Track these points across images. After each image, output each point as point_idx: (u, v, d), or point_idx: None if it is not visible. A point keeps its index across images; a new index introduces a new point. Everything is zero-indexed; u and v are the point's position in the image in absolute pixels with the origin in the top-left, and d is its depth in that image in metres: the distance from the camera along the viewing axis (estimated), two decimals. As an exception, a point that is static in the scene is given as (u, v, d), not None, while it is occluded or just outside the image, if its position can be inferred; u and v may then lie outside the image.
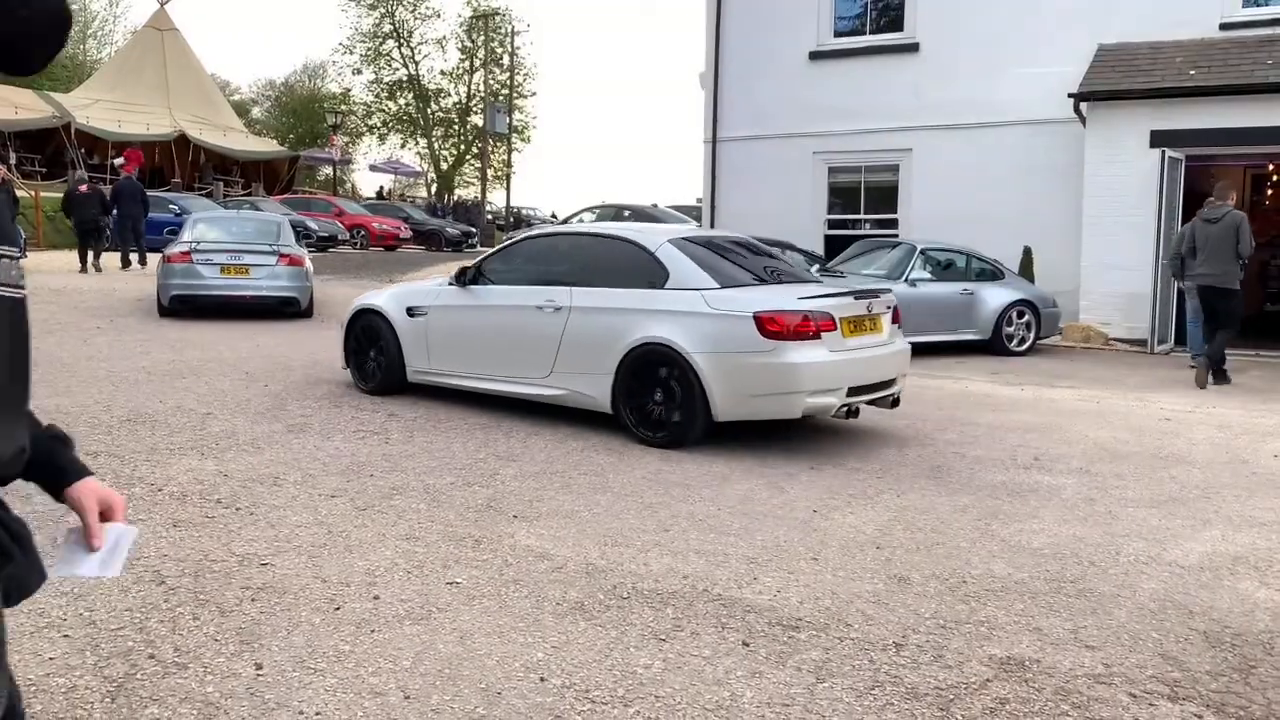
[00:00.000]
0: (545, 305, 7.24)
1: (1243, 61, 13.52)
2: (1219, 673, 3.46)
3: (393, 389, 8.10)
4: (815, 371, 6.43)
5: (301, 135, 54.48)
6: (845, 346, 6.66)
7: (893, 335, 7.24)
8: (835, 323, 6.58)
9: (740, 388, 6.49)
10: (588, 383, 7.02)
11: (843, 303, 6.78)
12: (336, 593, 3.90)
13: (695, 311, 6.63)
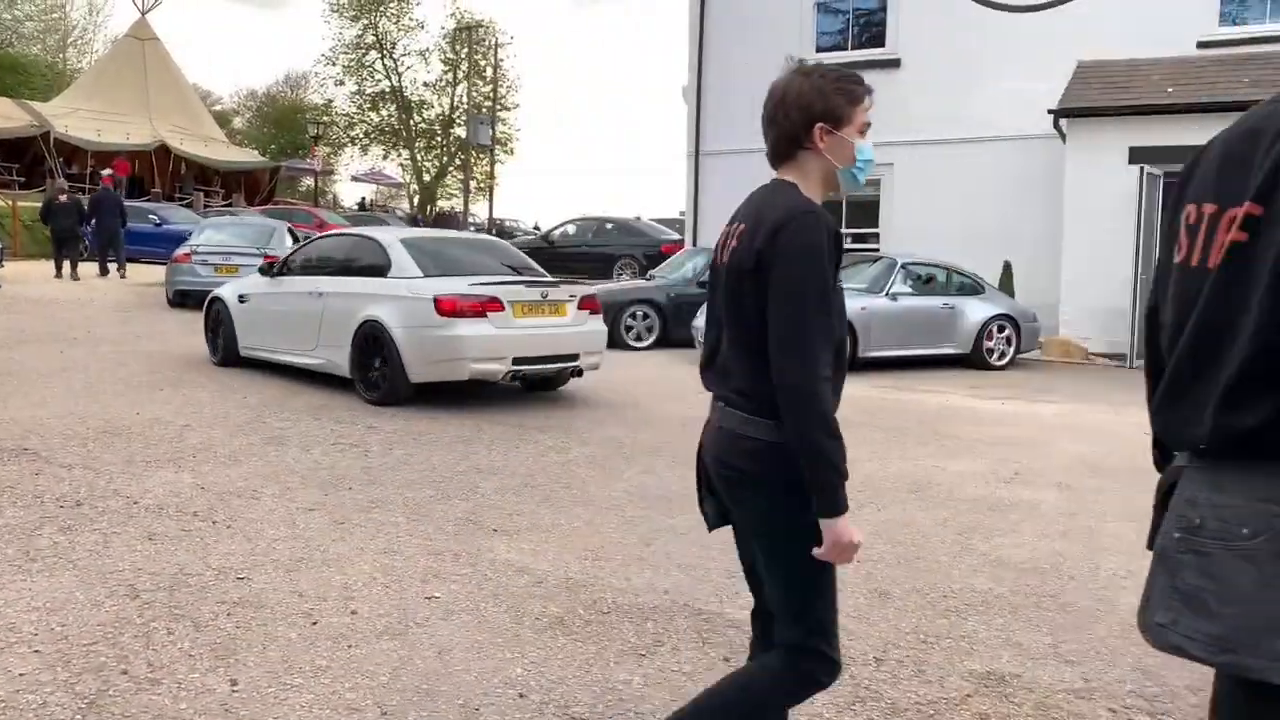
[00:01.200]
0: (312, 292, 8.94)
1: (1220, 79, 13.68)
2: (1196, 688, 3.46)
3: (231, 361, 9.88)
4: (479, 344, 7.99)
5: (283, 146, 54.30)
6: (513, 325, 8.17)
7: (580, 320, 8.69)
8: (503, 305, 8.11)
9: (425, 356, 8.05)
10: (336, 354, 8.59)
11: (514, 290, 8.30)
12: (314, 607, 3.86)
13: (399, 295, 8.19)
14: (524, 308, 8.24)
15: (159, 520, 4.88)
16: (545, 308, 8.42)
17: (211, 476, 5.75)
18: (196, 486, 5.52)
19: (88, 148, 32.48)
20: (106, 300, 15.50)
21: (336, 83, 50.16)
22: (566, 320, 8.54)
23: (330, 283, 8.89)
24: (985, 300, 12.73)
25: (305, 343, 8.96)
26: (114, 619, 3.66)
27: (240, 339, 9.80)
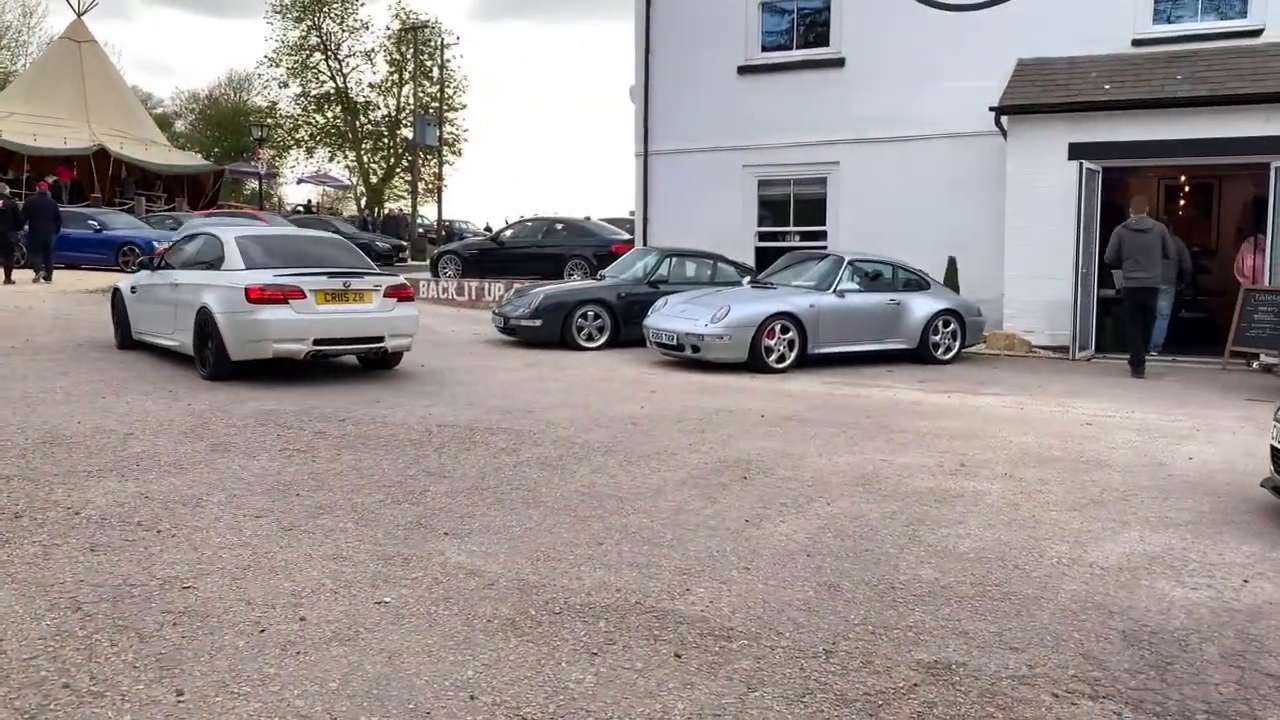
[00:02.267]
0: (171, 283, 10.31)
1: (1154, 76, 13.99)
2: (1137, 670, 3.55)
3: (128, 345, 11.33)
4: (281, 327, 9.15)
5: (227, 149, 53.48)
6: (314, 311, 9.30)
7: (386, 306, 9.73)
8: (305, 293, 9.24)
9: (239, 337, 9.20)
10: (186, 336, 9.78)
11: (316, 280, 9.36)
12: (261, 615, 3.82)
13: (224, 285, 9.38)
14: (325, 295, 9.39)
15: (101, 531, 4.80)
16: (349, 295, 9.55)
17: (156, 485, 5.66)
18: (140, 495, 5.43)
19: (24, 152, 31.73)
20: (45, 308, 15.17)
21: (281, 85, 49.53)
22: (371, 307, 9.68)
23: (183, 275, 10.28)
24: (931, 296, 12.89)
25: (168, 327, 10.31)
26: (55, 632, 3.59)
27: (132, 325, 11.28)
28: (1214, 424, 8.61)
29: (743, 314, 11.48)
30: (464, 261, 20.98)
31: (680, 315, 11.88)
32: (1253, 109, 12.94)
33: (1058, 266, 13.77)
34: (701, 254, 15.00)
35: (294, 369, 10.03)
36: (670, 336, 11.74)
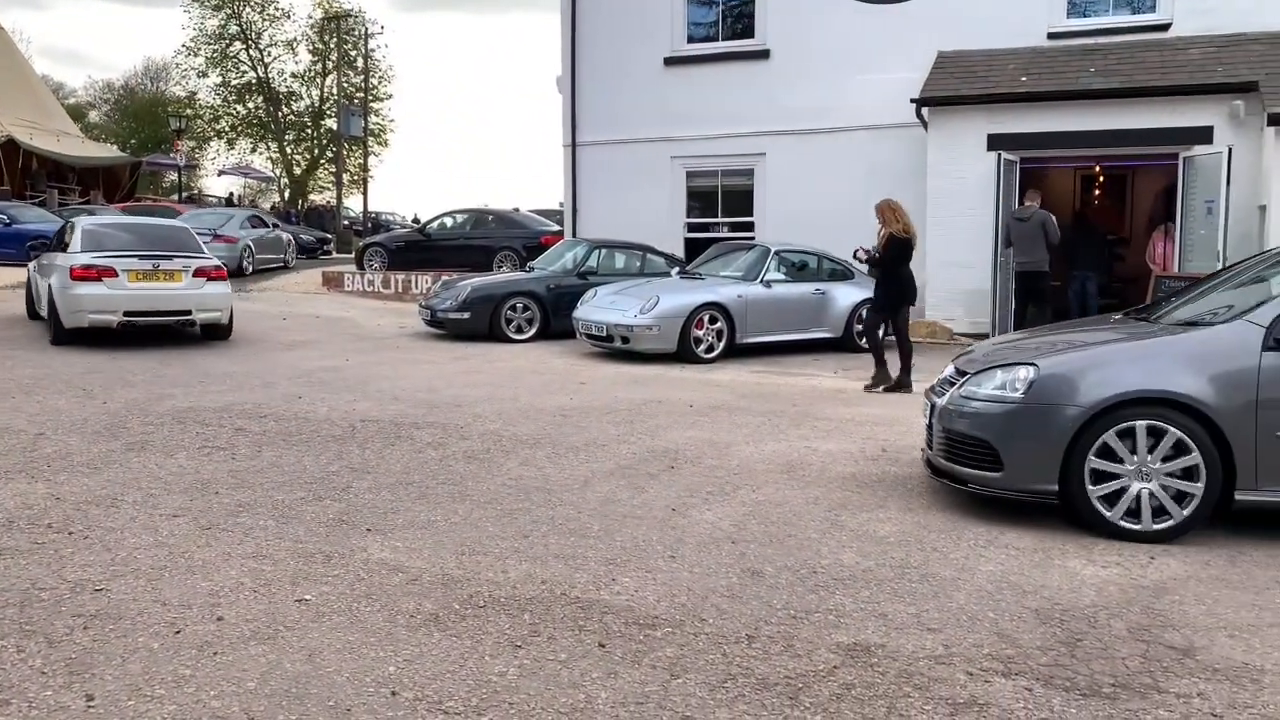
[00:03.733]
0: (47, 264, 11.92)
1: (1068, 69, 14.34)
2: (1048, 647, 3.65)
3: (35, 317, 13.01)
4: (93, 301, 10.96)
5: (144, 140, 52.03)
6: (125, 288, 11.09)
7: (196, 285, 11.51)
8: (117, 273, 11.06)
9: (65, 309, 10.97)
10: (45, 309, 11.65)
11: (128, 262, 11.18)
12: (177, 616, 3.74)
13: (60, 265, 11.20)
14: (137, 274, 11.19)
15: (9, 534, 4.65)
16: (159, 275, 11.31)
17: (68, 486, 5.50)
18: (51, 497, 5.27)
19: (-73, 145, 30.51)
20: (-49, 305, 14.65)
21: (199, 74, 48.26)
22: (180, 285, 11.44)
23: (51, 257, 12.02)
24: (855, 285, 13.07)
25: (41, 303, 12.08)
26: (-41, 639, 3.48)
27: (34, 302, 13.04)
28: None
29: (672, 305, 11.53)
30: (390, 254, 20.71)
31: (610, 307, 11.89)
32: (1161, 101, 13.35)
33: (977, 255, 14.06)
34: (631, 245, 15.01)
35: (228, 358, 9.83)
36: (600, 328, 11.74)
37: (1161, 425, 4.86)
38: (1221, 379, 4.85)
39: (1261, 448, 4.81)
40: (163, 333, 12.50)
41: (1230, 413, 4.81)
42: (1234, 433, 4.82)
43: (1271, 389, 4.78)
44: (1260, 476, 4.85)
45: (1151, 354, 5.13)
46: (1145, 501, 4.91)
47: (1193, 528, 4.92)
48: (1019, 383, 5.17)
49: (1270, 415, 4.78)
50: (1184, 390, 4.85)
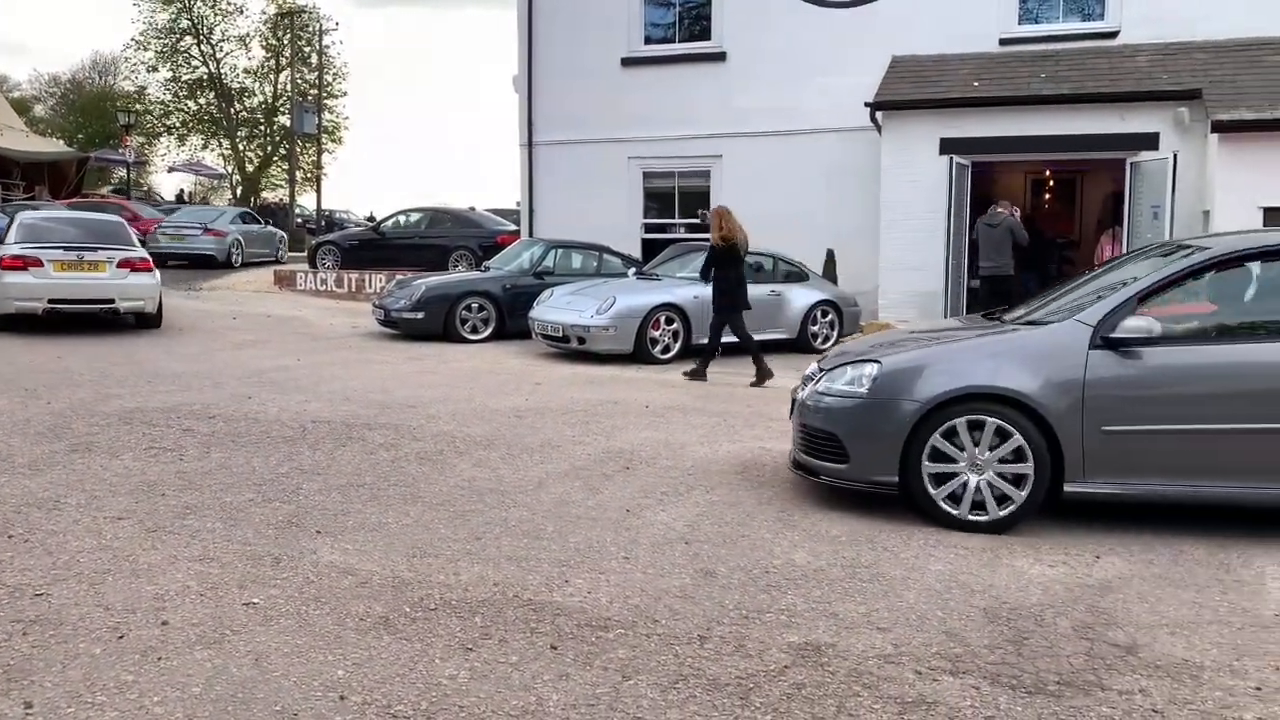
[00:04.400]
0: None
1: (1019, 75, 14.56)
2: (995, 645, 3.70)
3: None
4: (19, 289, 11.81)
5: (92, 135, 51.00)
6: (50, 277, 11.86)
7: (120, 275, 12.15)
8: (43, 263, 11.84)
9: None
10: None
11: (53, 253, 11.98)
12: (121, 621, 3.67)
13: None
14: (62, 265, 11.95)
15: (-54, 538, 4.54)
16: (84, 265, 12.03)
17: (8, 488, 5.38)
18: (-10, 500, 5.16)
19: None
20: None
21: (149, 69, 47.43)
22: (104, 275, 12.10)
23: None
24: (810, 287, 13.17)
25: None
26: (-109, 647, 3.38)
27: None
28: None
29: (628, 305, 11.53)
30: (344, 252, 20.51)
31: (566, 307, 11.86)
32: (1110, 107, 13.60)
33: (929, 258, 14.22)
34: (587, 245, 14.99)
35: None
36: (556, 328, 11.71)
37: (988, 419, 5.10)
38: (1049, 376, 5.07)
39: (1088, 442, 5.03)
40: (104, 328, 12.29)
41: (1058, 408, 5.03)
42: (1061, 427, 5.03)
43: (1097, 386, 5.01)
44: (1087, 469, 5.07)
45: (987, 352, 5.38)
46: (987, 492, 5.13)
47: (1024, 518, 5.13)
48: (864, 379, 5.42)
49: (1096, 411, 5.00)
50: (1013, 386, 5.08)
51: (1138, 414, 5.02)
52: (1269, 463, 4.97)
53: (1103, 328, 5.07)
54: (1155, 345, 5.03)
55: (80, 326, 12.52)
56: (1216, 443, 4.99)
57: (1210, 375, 5.04)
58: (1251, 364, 5.03)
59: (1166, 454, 5.04)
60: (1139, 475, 5.06)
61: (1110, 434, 5.01)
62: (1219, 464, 5.02)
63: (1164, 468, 5.05)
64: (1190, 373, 5.05)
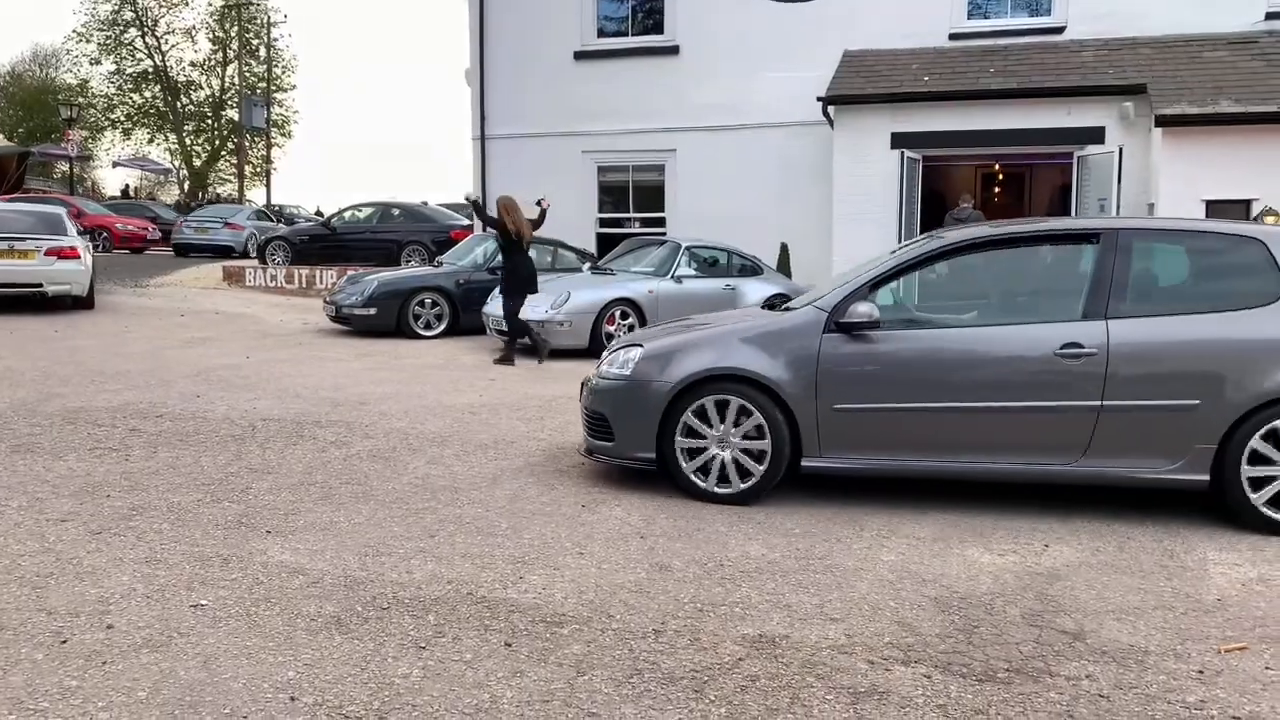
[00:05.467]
0: None
1: (969, 70, 14.72)
2: (946, 634, 3.74)
3: None
4: None
5: (33, 129, 49.89)
6: None
7: (48, 262, 13.18)
8: None
9: None
10: None
11: None
12: (64, 625, 3.59)
13: None
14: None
15: (-119, 543, 4.41)
16: (13, 253, 13.12)
17: (-54, 492, 5.24)
18: (-72, 504, 5.02)
19: None
20: None
21: (92, 62, 46.56)
22: (32, 262, 13.17)
23: None
24: (764, 280, 13.21)
25: None
26: None
27: None
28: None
29: (583, 300, 11.51)
30: (294, 248, 20.22)
31: (519, 302, 11.79)
32: (1057, 102, 13.80)
33: (882, 250, 14.33)
34: (542, 240, 14.87)
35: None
36: (509, 323, 11.65)
37: (732, 399, 5.45)
38: (788, 358, 5.43)
39: (822, 419, 5.39)
40: (49, 319, 12.05)
41: (795, 388, 5.39)
42: (798, 406, 5.39)
43: (828, 368, 5.37)
44: (822, 445, 5.43)
45: (738, 337, 5.66)
46: (731, 466, 5.47)
47: (764, 490, 5.47)
48: (629, 362, 5.76)
49: (829, 390, 5.36)
50: (754, 368, 5.44)
51: (863, 393, 5.36)
52: (983, 440, 5.28)
53: (835, 313, 5.39)
54: (881, 330, 5.37)
55: (21, 318, 12.25)
56: (934, 421, 5.31)
57: (926, 358, 5.36)
58: (963, 348, 5.38)
59: (890, 431, 5.37)
60: (866, 451, 5.40)
61: (840, 412, 5.35)
62: (938, 441, 5.33)
63: (888, 444, 5.38)
64: (909, 356, 5.36)
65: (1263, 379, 4.98)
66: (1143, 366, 5.13)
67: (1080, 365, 5.13)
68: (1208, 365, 5.09)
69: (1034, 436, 5.23)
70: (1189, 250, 5.66)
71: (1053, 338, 5.19)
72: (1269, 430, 4.99)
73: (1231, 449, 5.02)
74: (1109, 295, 5.25)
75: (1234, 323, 5.14)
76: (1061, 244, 5.93)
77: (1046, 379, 5.18)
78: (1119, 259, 5.30)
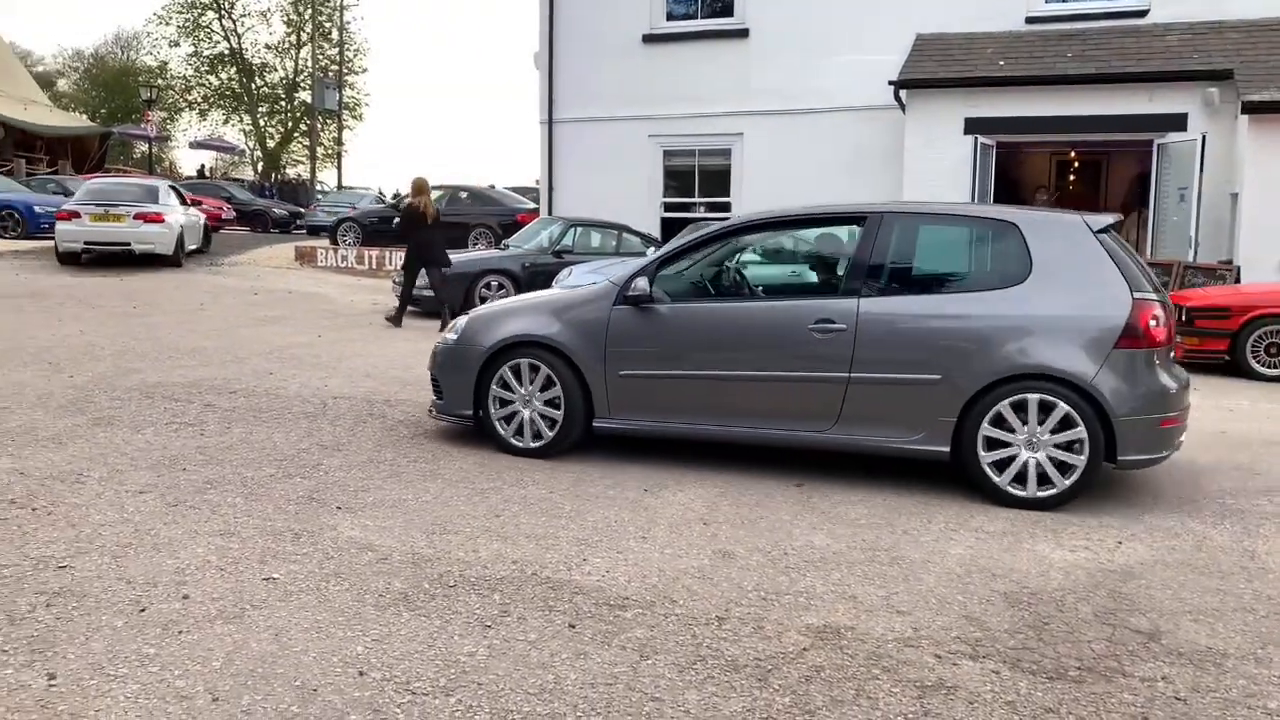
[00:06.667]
0: None
1: (1046, 54, 14.38)
2: (1016, 630, 3.68)
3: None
4: (66, 235, 16.25)
5: (114, 110, 51.23)
6: (87, 226, 16.14)
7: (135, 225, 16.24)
8: (81, 215, 16.14)
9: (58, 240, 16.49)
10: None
11: (88, 208, 16.24)
12: (142, 594, 3.69)
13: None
14: (95, 217, 16.27)
15: (-29, 510, 4.58)
16: (109, 217, 16.27)
17: (32, 461, 5.42)
18: (15, 472, 5.19)
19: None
20: (-85, 276, 14.40)
21: (171, 44, 47.70)
22: (123, 225, 16.29)
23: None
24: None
25: None
26: (-83, 617, 3.42)
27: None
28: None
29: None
30: (364, 230, 20.52)
31: (584, 286, 11.84)
32: (1137, 87, 13.42)
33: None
34: (607, 224, 14.95)
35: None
36: (574, 307, 11.73)
37: (537, 363, 5.99)
38: (583, 328, 5.93)
39: (610, 384, 5.87)
40: (125, 303, 12.37)
41: (589, 356, 5.89)
42: (590, 371, 5.88)
43: (615, 338, 5.83)
44: (611, 408, 5.91)
45: (550, 308, 6.17)
46: (539, 423, 5.99)
47: (560, 445, 5.97)
48: (457, 329, 6.33)
49: (616, 358, 5.83)
50: (552, 335, 5.96)
51: (644, 362, 5.82)
52: (749, 407, 5.66)
53: (624, 288, 5.81)
54: (663, 304, 5.81)
55: (102, 295, 12.60)
56: (706, 389, 5.73)
57: (699, 331, 5.77)
58: (732, 322, 5.78)
59: (668, 397, 5.80)
60: (649, 414, 5.86)
61: (625, 378, 5.83)
62: (710, 407, 5.74)
63: (667, 408, 5.82)
64: (683, 328, 5.78)
65: (1001, 357, 5.19)
66: (888, 342, 5.40)
67: (831, 340, 5.45)
68: (950, 342, 5.31)
69: (792, 405, 5.57)
70: (948, 233, 5.90)
71: (809, 313, 5.53)
72: (1006, 405, 5.18)
73: (970, 422, 5.25)
74: (864, 275, 5.56)
75: (979, 303, 5.37)
76: (832, 226, 6.46)
77: (802, 352, 5.51)
78: (878, 241, 5.59)
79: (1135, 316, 5.11)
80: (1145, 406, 5.12)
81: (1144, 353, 5.15)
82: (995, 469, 5.23)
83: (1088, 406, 5.08)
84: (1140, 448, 5.15)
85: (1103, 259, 5.26)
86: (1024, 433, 5.17)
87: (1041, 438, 5.15)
